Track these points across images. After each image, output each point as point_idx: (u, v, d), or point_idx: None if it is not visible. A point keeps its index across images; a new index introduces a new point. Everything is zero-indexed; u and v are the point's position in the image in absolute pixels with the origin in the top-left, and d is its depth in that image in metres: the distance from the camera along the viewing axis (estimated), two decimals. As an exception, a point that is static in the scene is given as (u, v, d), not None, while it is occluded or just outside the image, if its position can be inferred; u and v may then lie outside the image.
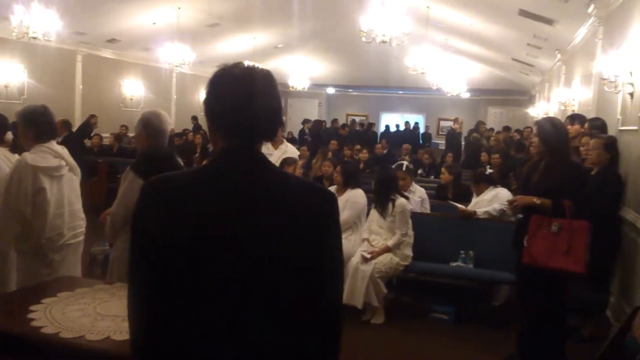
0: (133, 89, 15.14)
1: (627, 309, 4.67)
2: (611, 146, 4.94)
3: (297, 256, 1.41)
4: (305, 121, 18.05)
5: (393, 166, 6.50)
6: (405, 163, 6.76)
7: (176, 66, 13.20)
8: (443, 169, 7.14)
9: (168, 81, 16.35)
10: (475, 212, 5.69)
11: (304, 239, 1.42)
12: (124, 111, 14.58)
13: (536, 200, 4.00)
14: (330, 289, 1.48)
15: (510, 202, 4.40)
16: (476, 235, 5.55)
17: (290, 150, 6.51)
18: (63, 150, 3.47)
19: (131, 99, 15.06)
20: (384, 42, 8.78)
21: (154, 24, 12.16)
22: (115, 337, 2.27)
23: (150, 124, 3.45)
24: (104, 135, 12.13)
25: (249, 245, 1.38)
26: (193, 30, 12.56)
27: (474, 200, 6.03)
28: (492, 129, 15.70)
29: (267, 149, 6.54)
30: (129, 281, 1.48)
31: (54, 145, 3.43)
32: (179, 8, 11.52)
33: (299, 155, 6.94)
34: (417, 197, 6.43)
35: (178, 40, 12.15)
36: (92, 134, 11.79)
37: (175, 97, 16.85)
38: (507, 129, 14.92)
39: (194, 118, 16.47)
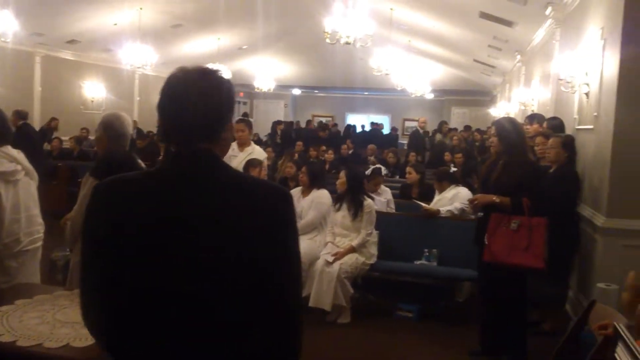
0: (94, 91, 14.85)
1: (585, 303, 4.80)
2: (569, 145, 5.08)
3: (262, 256, 1.41)
4: (277, 122, 17.99)
5: (368, 171, 6.53)
6: (382, 167, 6.84)
7: (138, 67, 13.00)
8: (409, 168, 7.21)
9: (130, 83, 16.10)
10: (438, 210, 5.78)
11: (267, 238, 1.42)
12: (85, 113, 14.30)
13: (495, 198, 4.10)
14: (290, 288, 1.48)
15: (471, 201, 4.49)
16: (439, 234, 5.63)
17: (256, 152, 6.49)
18: (19, 155, 3.40)
19: (92, 101, 14.78)
20: (347, 43, 8.83)
21: (115, 24, 11.98)
22: (74, 344, 2.23)
23: (111, 127, 3.41)
24: (64, 138, 11.89)
25: (220, 245, 1.39)
26: (155, 31, 12.41)
27: (436, 198, 6.13)
28: (455, 129, 15.91)
29: (232, 150, 6.50)
30: (81, 283, 1.47)
31: (9, 149, 3.34)
32: (141, 9, 11.37)
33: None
34: (383, 198, 6.49)
35: (140, 41, 11.97)
36: (52, 137, 11.56)
37: (138, 98, 16.62)
38: (467, 128, 15.15)
39: None
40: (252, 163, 5.67)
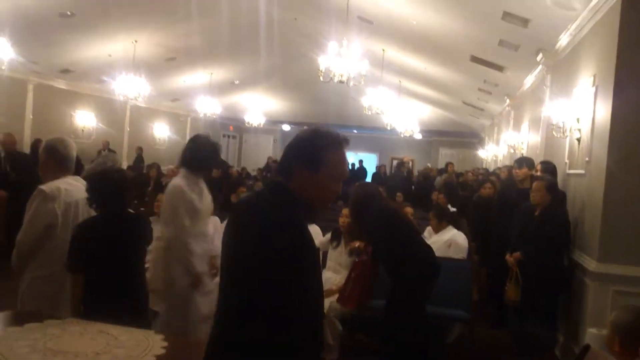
0: (85, 120, 14.86)
1: (575, 349, 4.78)
2: (553, 188, 5.14)
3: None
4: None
5: None
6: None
7: (131, 99, 13.04)
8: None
9: (122, 113, 16.13)
10: None
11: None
12: (75, 142, 14.19)
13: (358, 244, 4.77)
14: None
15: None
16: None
17: None
18: None
19: (83, 130, 14.77)
20: (341, 82, 8.94)
21: (109, 55, 12.06)
22: (66, 374, 2.18)
23: (56, 151, 3.46)
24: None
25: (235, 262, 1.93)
26: (149, 63, 12.50)
27: (431, 239, 6.02)
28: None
29: None
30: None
31: None
32: (135, 41, 11.47)
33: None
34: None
35: (133, 72, 12.05)
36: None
37: (128, 129, 16.62)
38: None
39: (139, 148, 16.23)
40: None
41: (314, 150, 1.90)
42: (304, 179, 1.90)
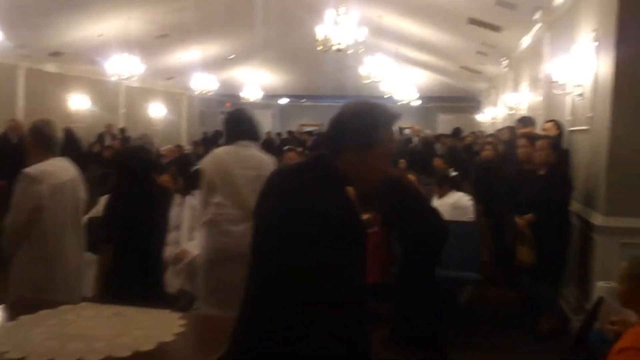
0: (79, 104, 14.66)
1: (584, 302, 4.81)
2: (557, 146, 5.09)
3: None
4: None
5: None
6: None
7: (124, 79, 12.84)
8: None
9: (116, 95, 15.88)
10: None
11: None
12: (71, 127, 14.08)
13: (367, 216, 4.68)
14: None
15: None
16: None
17: None
18: None
19: (77, 114, 14.57)
20: (339, 50, 8.80)
21: (100, 35, 11.83)
22: (88, 358, 2.15)
23: (41, 132, 3.42)
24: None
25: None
26: (141, 42, 12.25)
27: (436, 202, 6.02)
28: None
29: None
30: None
31: None
32: (129, 18, 11.25)
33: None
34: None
35: (126, 52, 11.86)
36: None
37: (123, 110, 16.44)
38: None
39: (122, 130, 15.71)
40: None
41: (369, 127, 1.77)
42: (354, 157, 1.76)
